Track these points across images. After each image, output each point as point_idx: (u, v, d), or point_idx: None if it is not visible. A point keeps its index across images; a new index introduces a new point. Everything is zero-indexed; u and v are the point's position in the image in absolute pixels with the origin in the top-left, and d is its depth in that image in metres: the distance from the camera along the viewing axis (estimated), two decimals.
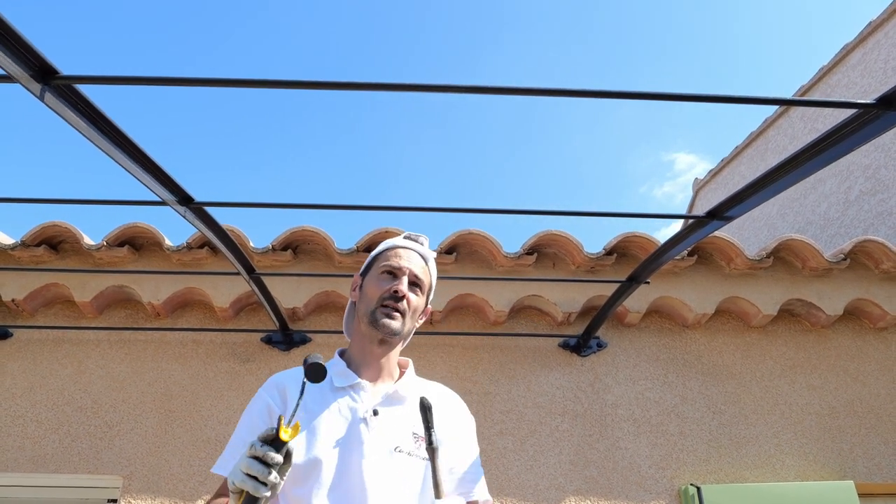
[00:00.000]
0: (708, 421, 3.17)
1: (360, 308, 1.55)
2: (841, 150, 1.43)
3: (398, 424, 1.45)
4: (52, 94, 1.26)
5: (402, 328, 1.51)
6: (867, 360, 3.37)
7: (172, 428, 3.07)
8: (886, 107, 1.27)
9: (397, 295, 1.50)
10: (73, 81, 1.25)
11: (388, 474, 1.36)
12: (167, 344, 3.29)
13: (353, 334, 1.60)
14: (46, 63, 1.20)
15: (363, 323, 1.52)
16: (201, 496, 2.92)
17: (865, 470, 3.09)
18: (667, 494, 2.99)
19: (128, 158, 1.52)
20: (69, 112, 1.30)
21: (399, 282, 1.52)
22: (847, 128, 1.38)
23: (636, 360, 3.32)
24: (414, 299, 1.54)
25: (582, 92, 1.52)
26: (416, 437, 1.44)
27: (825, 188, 7.29)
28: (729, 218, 1.93)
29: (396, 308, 1.49)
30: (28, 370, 3.21)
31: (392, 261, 1.56)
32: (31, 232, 3.22)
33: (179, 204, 1.86)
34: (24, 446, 3.02)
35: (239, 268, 2.53)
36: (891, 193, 6.11)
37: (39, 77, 1.21)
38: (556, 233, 3.25)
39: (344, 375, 1.49)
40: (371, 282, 1.55)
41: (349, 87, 1.41)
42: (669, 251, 2.30)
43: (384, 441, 1.40)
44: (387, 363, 1.55)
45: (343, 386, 1.47)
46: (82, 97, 1.32)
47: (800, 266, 3.37)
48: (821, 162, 1.48)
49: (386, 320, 1.48)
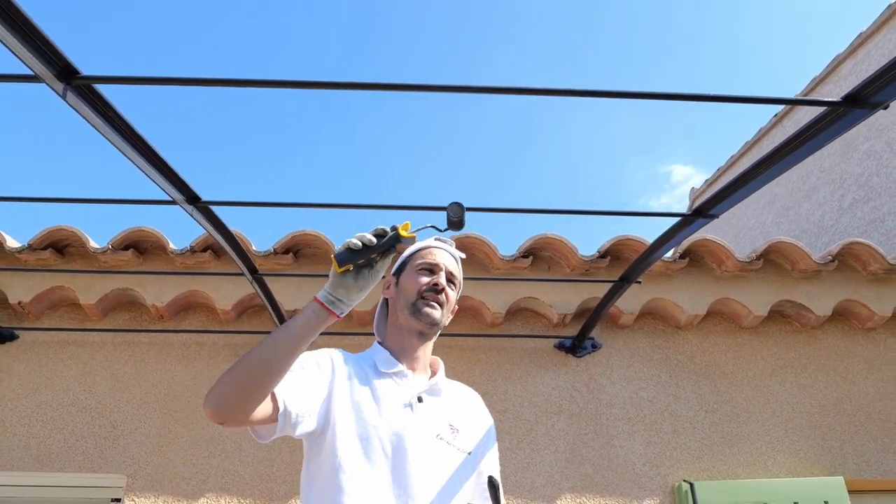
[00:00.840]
0: (701, 419, 3.24)
1: (399, 302, 1.64)
2: (815, 145, 1.51)
3: (438, 414, 1.55)
4: (74, 93, 1.34)
5: (441, 318, 1.62)
6: (856, 360, 3.44)
7: (176, 428, 3.14)
8: (852, 104, 1.36)
9: (437, 287, 1.61)
10: (93, 81, 1.33)
11: (432, 458, 1.46)
12: (170, 346, 3.36)
13: (388, 329, 1.70)
14: (69, 63, 1.28)
15: (402, 315, 1.63)
16: (204, 494, 2.98)
17: (855, 466, 3.15)
18: (661, 491, 3.06)
19: (139, 156, 1.60)
20: (88, 111, 1.39)
21: (438, 276, 1.64)
22: (819, 124, 1.46)
23: (630, 360, 3.39)
24: (451, 294, 1.66)
25: (579, 92, 1.60)
26: (452, 428, 1.54)
27: (819, 196, 7.38)
28: (713, 215, 2.01)
29: (437, 300, 1.60)
30: (34, 371, 3.27)
31: (428, 258, 1.67)
32: (38, 235, 3.29)
33: (187, 203, 1.94)
34: (29, 445, 3.09)
35: (242, 268, 2.60)
36: (883, 201, 6.20)
37: (63, 77, 1.29)
38: (552, 236, 3.33)
39: (388, 362, 1.58)
40: (409, 278, 1.66)
41: (351, 87, 1.49)
42: (658, 250, 2.38)
43: (428, 427, 1.50)
44: (423, 356, 1.65)
45: (387, 371, 1.56)
46: (100, 96, 1.40)
47: (789, 268, 3.45)
48: (797, 157, 1.57)
49: (428, 309, 1.58)
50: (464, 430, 1.57)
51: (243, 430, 3.09)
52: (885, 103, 1.33)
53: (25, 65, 1.21)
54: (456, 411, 1.60)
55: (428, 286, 1.61)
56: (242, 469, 3.04)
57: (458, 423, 1.56)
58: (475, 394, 1.74)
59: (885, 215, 6.09)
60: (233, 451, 3.08)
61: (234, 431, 3.11)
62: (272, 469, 3.04)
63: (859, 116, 1.38)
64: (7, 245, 3.30)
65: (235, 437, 3.10)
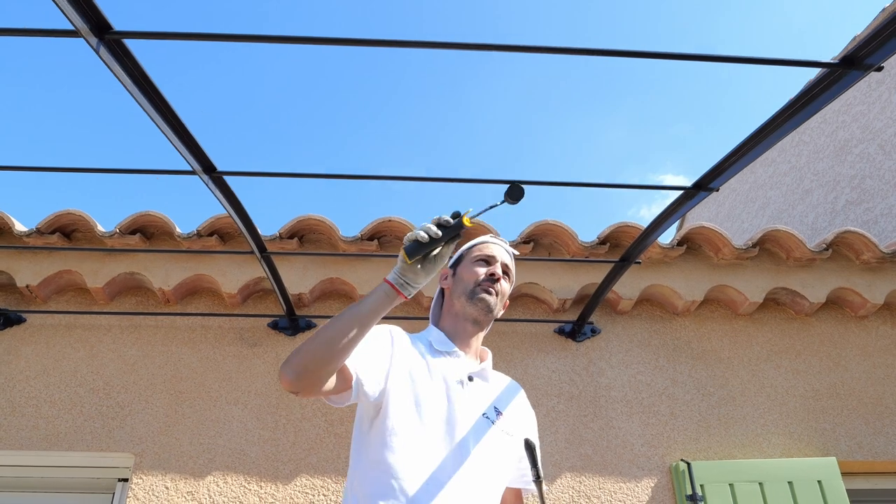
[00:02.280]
0: (697, 402, 3.30)
1: (457, 290, 1.77)
2: (813, 109, 1.58)
3: (485, 396, 1.66)
4: (106, 49, 1.40)
5: (496, 307, 1.74)
6: (848, 346, 3.52)
7: (182, 408, 3.18)
8: (849, 66, 1.43)
9: (493, 277, 1.74)
10: (124, 36, 1.39)
11: (478, 433, 1.55)
12: (177, 329, 3.41)
13: (443, 316, 1.81)
14: (103, 18, 1.34)
15: (459, 303, 1.75)
16: (210, 473, 3.02)
17: (847, 448, 3.22)
18: (658, 471, 3.12)
19: (161, 119, 1.66)
20: (118, 68, 1.45)
21: (494, 266, 1.76)
22: (816, 88, 1.53)
23: (628, 345, 3.46)
24: (504, 285, 1.78)
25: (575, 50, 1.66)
26: (497, 411, 1.65)
27: (813, 199, 7.48)
28: (713, 189, 2.08)
29: (493, 288, 1.72)
30: (42, 353, 3.31)
31: (485, 251, 1.81)
32: (46, 220, 3.34)
33: (204, 172, 2.00)
34: (38, 426, 3.12)
35: (252, 245, 2.66)
36: (875, 203, 6.29)
37: (97, 31, 1.35)
38: (552, 222, 3.40)
39: (443, 342, 1.70)
40: (466, 269, 1.79)
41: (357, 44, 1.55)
42: (661, 226, 2.45)
43: (476, 405, 1.60)
44: (475, 343, 1.76)
45: (441, 350, 1.67)
46: (129, 54, 1.46)
47: (784, 256, 3.52)
48: (796, 122, 1.63)
49: (485, 295, 1.71)
50: (507, 415, 1.67)
51: (249, 412, 3.15)
52: (878, 64, 1.40)
53: (66, 17, 1.27)
54: (501, 398, 1.71)
55: (485, 276, 1.74)
56: (249, 448, 3.08)
57: (502, 408, 1.67)
58: (520, 388, 1.85)
59: (878, 217, 6.19)
60: (239, 431, 3.12)
61: (240, 412, 3.15)
62: (278, 449, 3.09)
63: (855, 78, 1.45)
64: (15, 229, 3.35)
65: (242, 417, 3.15)
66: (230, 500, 2.96)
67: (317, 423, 3.15)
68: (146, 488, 2.97)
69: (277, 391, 3.23)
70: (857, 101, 6.86)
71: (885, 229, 5.96)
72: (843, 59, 1.44)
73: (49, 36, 1.38)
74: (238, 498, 2.96)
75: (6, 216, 3.35)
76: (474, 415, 1.57)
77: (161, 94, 1.60)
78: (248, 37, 1.45)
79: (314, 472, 3.04)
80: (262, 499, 2.97)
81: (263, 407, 3.19)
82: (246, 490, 2.99)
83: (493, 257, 1.79)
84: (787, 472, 3.01)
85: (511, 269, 1.83)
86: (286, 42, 1.44)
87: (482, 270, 1.75)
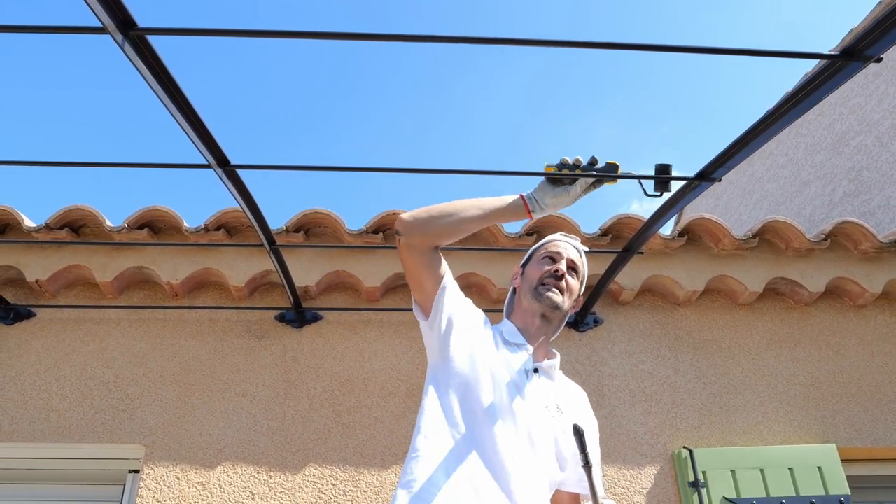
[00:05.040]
0: (699, 391, 3.36)
1: (524, 287, 1.83)
2: (815, 100, 1.63)
3: (548, 391, 1.71)
4: (130, 44, 1.44)
5: (563, 304, 1.77)
6: (847, 335, 3.57)
7: (192, 400, 3.23)
8: (849, 57, 1.48)
9: (557, 274, 1.78)
10: (148, 33, 1.43)
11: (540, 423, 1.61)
12: (185, 322, 3.45)
13: (514, 312, 1.87)
14: (129, 15, 1.39)
15: (526, 299, 1.80)
16: (220, 463, 3.07)
17: (847, 435, 3.27)
18: (661, 458, 3.17)
19: (180, 113, 1.70)
20: (140, 63, 1.49)
21: (559, 263, 1.80)
22: (818, 79, 1.58)
23: (630, 335, 3.51)
24: (571, 281, 1.81)
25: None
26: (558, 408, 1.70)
27: (810, 191, 7.53)
28: (716, 179, 2.12)
29: (557, 285, 1.77)
30: (52, 347, 3.36)
31: (552, 249, 1.86)
32: (55, 215, 3.37)
33: (217, 165, 2.04)
34: (49, 418, 3.17)
35: (262, 238, 2.70)
36: (873, 195, 6.34)
37: (122, 28, 1.40)
38: (555, 215, 3.44)
39: (513, 334, 1.77)
40: (533, 266, 1.85)
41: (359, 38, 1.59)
42: (663, 217, 2.49)
43: (539, 396, 1.66)
44: (544, 340, 1.81)
45: (511, 341, 1.74)
46: (152, 50, 1.50)
47: (783, 247, 3.57)
48: (798, 112, 1.68)
49: (548, 293, 1.75)
50: (568, 413, 1.71)
51: (258, 403, 3.19)
52: (877, 56, 1.44)
53: (95, 15, 1.32)
54: (564, 397, 1.76)
55: (549, 273, 1.77)
56: (257, 439, 3.13)
57: (563, 406, 1.71)
58: (584, 393, 1.90)
59: (875, 209, 6.23)
60: (248, 422, 3.17)
61: (248, 404, 3.20)
62: (286, 439, 3.13)
63: (855, 69, 1.50)
64: (24, 225, 3.38)
65: (250, 408, 3.20)
66: (240, 490, 3.01)
67: (325, 413, 3.20)
68: (157, 479, 3.02)
69: (285, 383, 3.28)
70: (855, 94, 6.91)
71: (882, 220, 6.01)
72: (842, 50, 1.48)
73: (77, 33, 1.43)
74: (248, 487, 3.01)
75: (15, 212, 3.39)
76: (536, 405, 1.63)
77: (180, 88, 1.64)
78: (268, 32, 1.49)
79: (322, 462, 3.09)
80: (271, 488, 3.02)
81: (271, 398, 3.23)
82: (255, 480, 3.04)
83: (558, 254, 1.83)
84: (787, 459, 3.07)
85: (579, 266, 1.86)
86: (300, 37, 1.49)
87: (547, 268, 1.79)
